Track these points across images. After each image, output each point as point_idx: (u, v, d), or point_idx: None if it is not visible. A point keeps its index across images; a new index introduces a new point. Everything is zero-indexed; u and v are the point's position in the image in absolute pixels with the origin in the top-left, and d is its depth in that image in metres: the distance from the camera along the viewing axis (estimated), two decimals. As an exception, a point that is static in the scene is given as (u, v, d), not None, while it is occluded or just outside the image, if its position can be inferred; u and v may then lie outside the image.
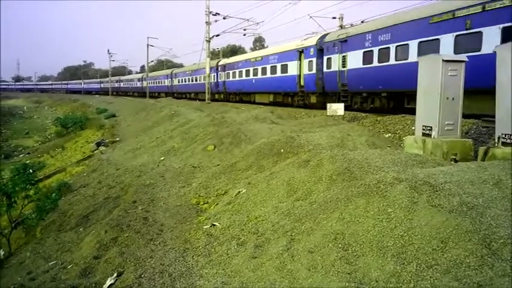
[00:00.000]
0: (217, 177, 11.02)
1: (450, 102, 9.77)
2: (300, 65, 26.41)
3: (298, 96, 27.64)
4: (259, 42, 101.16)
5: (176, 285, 5.90)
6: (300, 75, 26.44)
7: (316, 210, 6.26)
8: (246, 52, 79.73)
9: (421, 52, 16.11)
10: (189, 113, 27.73)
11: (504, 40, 12.74)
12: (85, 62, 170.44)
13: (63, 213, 12.61)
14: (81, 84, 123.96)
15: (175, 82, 56.27)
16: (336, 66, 22.56)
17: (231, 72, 38.13)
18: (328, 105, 19.08)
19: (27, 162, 21.39)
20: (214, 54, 62.34)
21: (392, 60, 18.27)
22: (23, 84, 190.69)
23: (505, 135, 8.52)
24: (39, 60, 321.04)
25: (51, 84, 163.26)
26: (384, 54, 18.80)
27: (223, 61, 41.32)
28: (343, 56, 21.86)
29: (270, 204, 7.60)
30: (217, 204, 9.16)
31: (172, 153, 16.40)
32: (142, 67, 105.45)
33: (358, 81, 20.95)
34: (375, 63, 19.46)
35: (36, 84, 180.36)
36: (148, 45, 63.63)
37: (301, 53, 26.34)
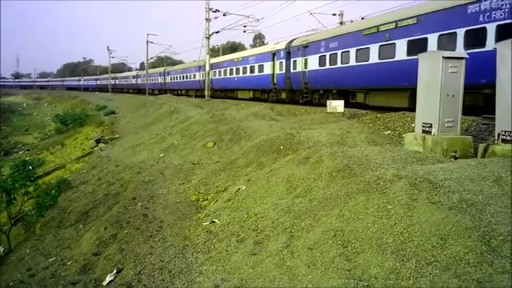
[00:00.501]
0: (217, 174, 11.02)
1: (450, 99, 9.75)
2: (273, 65, 29.54)
3: (272, 93, 30.77)
4: (259, 39, 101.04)
5: (176, 282, 5.91)
6: (273, 75, 29.58)
7: (316, 207, 6.26)
8: (245, 49, 79.89)
9: (357, 57, 19.99)
10: (189, 109, 27.71)
11: (409, 50, 16.57)
12: (84, 58, 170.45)
13: (63, 209, 12.62)
14: (78, 81, 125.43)
15: (168, 80, 59.13)
16: (299, 67, 25.81)
17: (217, 71, 40.98)
18: (328, 102, 19.08)
19: (27, 159, 21.41)
20: (214, 51, 62.49)
21: (339, 64, 21.66)
22: (20, 81, 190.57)
23: (505, 132, 8.50)
24: (39, 57, 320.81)
25: (48, 81, 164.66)
26: (333, 59, 22.21)
27: (215, 60, 43.76)
28: (305, 59, 25.15)
29: (269, 201, 7.60)
30: (216, 201, 9.16)
31: (172, 150, 16.40)
32: (142, 64, 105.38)
33: (316, 81, 24.29)
34: (327, 65, 22.76)
35: (34, 81, 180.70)
36: (147, 42, 63.48)
37: (274, 55, 29.54)
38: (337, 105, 18.53)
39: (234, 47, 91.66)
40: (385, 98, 18.93)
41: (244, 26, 40.64)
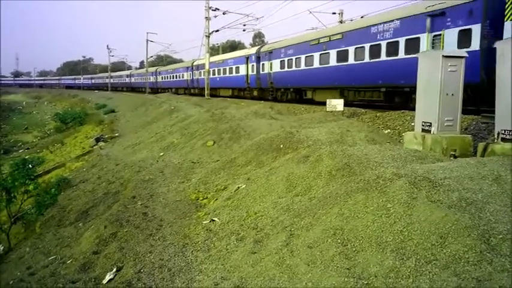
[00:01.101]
0: (217, 172, 11.02)
1: (450, 98, 9.75)
2: (247, 68, 34.62)
3: (246, 91, 36.07)
4: (258, 38, 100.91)
5: (175, 280, 5.91)
6: (247, 75, 34.66)
7: (316, 206, 6.27)
8: (245, 47, 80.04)
9: (306, 63, 25.12)
10: (189, 108, 27.70)
11: (337, 59, 21.97)
12: (84, 57, 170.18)
13: (63, 208, 12.62)
14: (73, 79, 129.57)
15: (159, 79, 63.91)
16: (267, 69, 30.91)
17: (202, 71, 44.16)
18: (328, 101, 19.05)
19: (27, 157, 21.35)
20: (213, 50, 62.83)
21: (294, 67, 26.76)
22: (19, 80, 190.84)
23: (505, 131, 8.51)
24: (39, 56, 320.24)
25: (44, 80, 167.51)
26: (290, 63, 27.30)
27: (196, 62, 48.42)
28: (270, 63, 30.24)
29: (269, 200, 7.61)
30: (216, 199, 9.17)
31: (172, 149, 16.40)
32: (142, 62, 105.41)
33: (278, 81, 29.44)
34: (286, 68, 27.91)
35: (29, 80, 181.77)
36: (147, 40, 63.51)
37: (247, 58, 34.65)
38: (336, 104, 18.50)
39: (233, 46, 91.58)
40: (324, 95, 23.45)
41: (244, 25, 40.63)
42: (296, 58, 26.43)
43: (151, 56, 79.09)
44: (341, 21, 37.50)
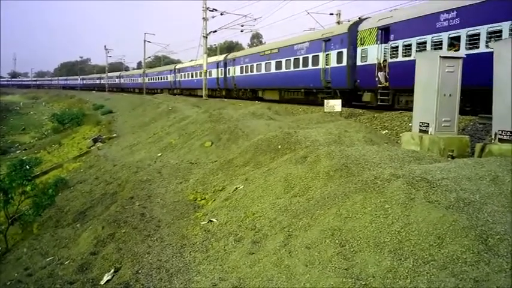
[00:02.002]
0: (215, 173, 11.01)
1: (447, 98, 9.78)
2: (217, 71, 42.77)
3: (217, 91, 44.17)
4: (256, 39, 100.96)
5: (173, 281, 5.91)
6: (217, 78, 42.91)
7: (314, 206, 6.27)
8: (243, 48, 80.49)
9: (257, 70, 32.74)
10: (186, 109, 27.71)
11: (276, 67, 29.67)
12: (81, 58, 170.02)
13: (60, 209, 12.61)
14: (65, 80, 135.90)
15: (146, 80, 69.11)
16: (231, 74, 39.29)
17: (183, 73, 54.11)
18: (326, 101, 19.11)
19: (24, 158, 21.25)
20: (211, 51, 63.42)
21: (249, 72, 35.00)
22: (15, 80, 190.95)
23: (502, 131, 8.54)
24: (37, 57, 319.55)
25: (37, 81, 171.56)
26: (246, 69, 35.45)
27: (178, 66, 57.93)
28: (234, 68, 38.53)
29: (267, 201, 7.60)
30: (214, 200, 9.16)
31: (170, 150, 16.39)
32: (140, 63, 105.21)
33: (240, 83, 37.74)
34: (244, 73, 36.14)
35: (22, 80, 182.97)
36: (145, 41, 63.59)
37: (218, 64, 42.81)
38: (334, 104, 18.54)
39: (231, 46, 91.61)
40: (270, 94, 32.07)
41: (242, 26, 40.68)
42: (251, 65, 34.54)
43: (149, 57, 79.34)
44: (338, 22, 37.54)
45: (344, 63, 22.11)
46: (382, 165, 7.45)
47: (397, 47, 18.37)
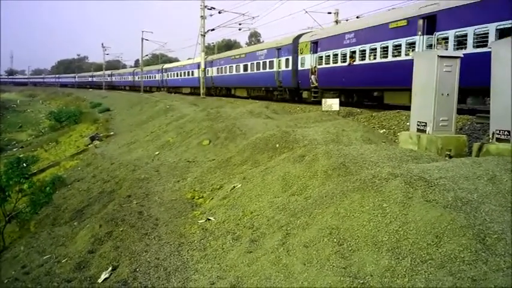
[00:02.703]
0: (213, 172, 11.01)
1: (445, 98, 9.80)
2: (199, 71, 44.72)
3: (198, 89, 44.93)
4: (254, 37, 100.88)
5: (171, 279, 5.91)
6: (199, 77, 44.77)
7: (312, 205, 6.27)
8: (241, 47, 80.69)
9: (230, 71, 38.78)
10: (184, 107, 27.68)
11: (243, 69, 35.18)
12: (79, 55, 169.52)
13: (57, 207, 12.59)
14: (56, 78, 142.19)
15: (136, 78, 74.58)
16: (210, 74, 44.95)
17: (169, 73, 60.26)
18: (323, 100, 19.13)
19: (21, 156, 21.25)
20: (209, 49, 63.90)
21: (223, 73, 40.99)
22: (10, 78, 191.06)
23: (500, 131, 8.56)
24: (34, 54, 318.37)
25: (29, 78, 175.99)
26: (221, 70, 41.83)
27: (165, 66, 63.66)
28: (211, 69, 44.75)
29: (265, 199, 7.61)
30: (212, 198, 9.16)
31: (167, 148, 16.38)
32: (137, 61, 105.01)
33: (217, 82, 43.96)
34: (220, 73, 42.31)
35: (14, 78, 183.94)
36: (142, 39, 63.58)
37: (198, 65, 44.66)
38: (332, 103, 18.55)
39: (229, 45, 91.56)
40: (241, 92, 37.68)
41: (240, 24, 40.71)
42: (225, 67, 40.46)
43: (147, 55, 79.55)
44: (336, 21, 37.55)
45: (290, 67, 28.12)
46: (380, 164, 7.46)
47: (322, 56, 24.50)
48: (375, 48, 19.61)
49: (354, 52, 21.17)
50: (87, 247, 7.39)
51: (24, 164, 14.11)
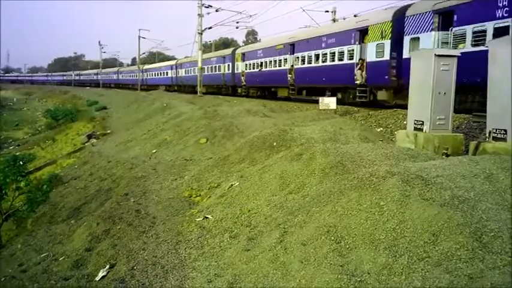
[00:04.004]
0: (210, 170, 11.01)
1: (442, 97, 9.81)
2: (171, 72, 56.85)
3: (171, 86, 57.07)
4: (252, 36, 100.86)
5: (169, 277, 5.91)
6: (171, 77, 56.83)
7: (309, 203, 6.29)
8: (238, 45, 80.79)
9: (193, 72, 46.57)
10: (181, 105, 27.65)
11: (208, 71, 43.81)
12: (75, 53, 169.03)
13: (54, 205, 12.57)
14: (46, 76, 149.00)
15: (120, 77, 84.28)
16: (181, 74, 53.05)
17: (148, 73, 69.11)
18: (320, 99, 19.13)
19: (18, 154, 21.19)
20: (206, 47, 64.18)
21: (189, 74, 48.82)
22: (3, 76, 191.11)
23: (496, 129, 8.58)
24: (30, 52, 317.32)
25: (17, 76, 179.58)
26: (187, 72, 49.52)
27: (145, 66, 71.96)
28: (181, 70, 52.80)
29: (262, 197, 7.62)
30: (209, 197, 9.17)
31: (165, 146, 16.36)
32: (134, 59, 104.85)
33: (184, 81, 51.74)
34: (186, 74, 50.18)
35: (2, 76, 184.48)
36: (139, 37, 63.49)
37: (171, 67, 57.17)
38: (329, 102, 18.57)
39: (226, 43, 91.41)
40: (206, 89, 42.05)
41: (237, 22, 40.65)
42: (189, 69, 49.02)
43: (144, 53, 79.60)
44: (334, 20, 37.55)
45: (230, 71, 38.09)
46: (377, 162, 7.48)
47: (247, 64, 35.03)
48: (271, 61, 30.62)
49: (262, 63, 32.05)
50: (84, 245, 7.41)
51: (21, 162, 14.03)
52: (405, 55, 17.07)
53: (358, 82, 20.44)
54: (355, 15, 25.43)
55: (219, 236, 6.82)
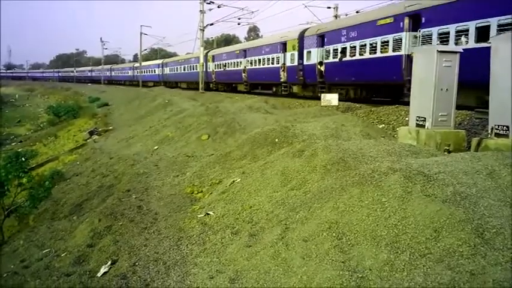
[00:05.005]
0: (212, 166, 11.01)
1: (444, 93, 9.79)
2: (158, 70, 63.07)
3: (159, 82, 61.85)
4: (253, 32, 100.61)
5: (170, 273, 5.92)
6: (159, 74, 62.55)
7: (311, 200, 6.29)
8: (240, 42, 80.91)
9: (176, 70, 55.04)
10: (183, 102, 27.65)
11: (183, 69, 53.44)
12: (77, 50, 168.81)
13: (56, 201, 12.60)
14: (42, 72, 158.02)
15: (113, 73, 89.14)
16: (166, 72, 58.88)
17: (138, 70, 70.57)
18: (322, 95, 19.09)
19: (20, 150, 21.25)
20: (208, 44, 64.07)
21: (173, 71, 55.82)
22: (5, 72, 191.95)
23: (498, 126, 8.56)
24: (32, 48, 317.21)
25: (12, 72, 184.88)
26: (172, 69, 56.56)
27: (136, 65, 74.49)
28: (166, 69, 58.57)
29: (264, 194, 7.61)
30: (211, 193, 9.17)
31: (166, 143, 16.37)
32: (136, 55, 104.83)
33: (169, 78, 57.34)
34: (170, 72, 56.74)
35: (5, 73, 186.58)
36: (141, 33, 63.41)
37: (158, 65, 63.74)
38: (331, 98, 18.53)
39: (228, 40, 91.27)
40: (183, 84, 51.40)
41: (239, 19, 40.59)
42: (173, 67, 55.69)
43: (145, 49, 79.52)
44: (336, 16, 37.46)
45: (205, 69, 41.58)
46: (379, 159, 7.47)
47: (216, 64, 40.93)
48: (232, 63, 37.00)
49: (226, 64, 38.10)
50: (86, 241, 7.41)
51: (23, 159, 14.10)
52: (305, 62, 25.22)
53: (282, 80, 28.44)
54: (357, 12, 26.15)
55: (221, 232, 6.82)
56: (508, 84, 8.20)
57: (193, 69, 47.30)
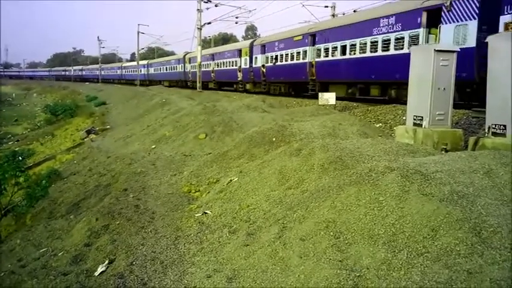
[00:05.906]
0: (209, 165, 11.00)
1: (441, 92, 9.81)
2: (144, 70, 69.06)
3: (145, 81, 66.85)
4: (251, 31, 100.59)
5: (168, 273, 5.92)
6: (145, 74, 68.43)
7: (308, 199, 6.29)
8: (238, 41, 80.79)
9: (160, 70, 63.89)
10: (180, 101, 27.61)
11: (167, 69, 61.34)
12: (74, 48, 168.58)
13: (54, 200, 12.54)
14: (32, 71, 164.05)
15: (103, 72, 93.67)
16: (150, 72, 67.86)
17: (125, 70, 79.68)
18: (320, 94, 19.11)
19: (17, 149, 21.15)
20: (205, 42, 65.13)
21: (157, 71, 64.82)
22: (2, 71, 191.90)
23: (496, 125, 8.58)
24: (29, 47, 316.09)
25: (4, 71, 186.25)
26: (156, 69, 65.41)
27: (124, 64, 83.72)
28: (152, 69, 67.53)
29: (261, 193, 7.62)
30: (208, 192, 9.16)
31: (164, 142, 16.35)
32: (133, 54, 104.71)
33: (154, 77, 65.99)
34: (155, 71, 65.82)
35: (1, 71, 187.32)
36: (138, 32, 63.33)
37: (145, 65, 69.32)
38: (328, 97, 18.53)
39: (225, 38, 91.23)
40: (166, 83, 58.54)
41: (236, 17, 40.56)
42: (157, 68, 62.92)
43: (143, 48, 79.33)
44: (333, 15, 37.46)
45: (183, 70, 50.09)
46: (377, 158, 7.47)
47: (191, 65, 46.33)
48: (205, 64, 43.06)
49: (200, 64, 40.27)
50: (83, 240, 7.40)
51: (20, 158, 14.03)
52: (254, 65, 33.19)
53: (239, 79, 36.40)
54: (354, 11, 26.35)
55: (218, 231, 6.82)
56: (505, 84, 8.22)
57: (174, 69, 56.16)
